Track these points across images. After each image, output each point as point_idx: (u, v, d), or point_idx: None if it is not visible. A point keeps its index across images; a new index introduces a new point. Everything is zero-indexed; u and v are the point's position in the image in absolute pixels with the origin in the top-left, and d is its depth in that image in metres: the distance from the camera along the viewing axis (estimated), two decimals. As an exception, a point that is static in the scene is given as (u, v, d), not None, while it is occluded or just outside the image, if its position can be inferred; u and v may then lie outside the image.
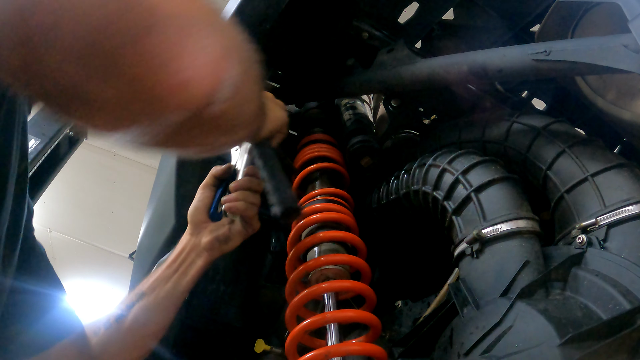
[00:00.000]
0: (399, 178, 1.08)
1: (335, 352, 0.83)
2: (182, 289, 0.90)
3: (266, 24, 1.05)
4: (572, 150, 0.82)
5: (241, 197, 0.91)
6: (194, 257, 0.91)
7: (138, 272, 1.31)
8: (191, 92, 0.40)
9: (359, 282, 0.94)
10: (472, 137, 1.01)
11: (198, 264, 0.91)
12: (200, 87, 0.40)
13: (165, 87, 0.38)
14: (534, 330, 0.59)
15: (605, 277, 0.65)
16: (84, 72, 0.36)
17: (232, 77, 0.44)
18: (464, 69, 0.91)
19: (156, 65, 0.38)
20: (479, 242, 0.79)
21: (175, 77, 0.38)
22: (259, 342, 1.08)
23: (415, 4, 1.15)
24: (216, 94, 0.42)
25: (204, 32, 0.41)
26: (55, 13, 0.34)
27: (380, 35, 1.18)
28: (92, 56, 0.36)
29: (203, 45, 0.40)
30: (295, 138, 1.36)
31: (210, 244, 0.91)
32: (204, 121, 0.44)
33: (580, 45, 0.75)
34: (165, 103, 0.39)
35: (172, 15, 0.38)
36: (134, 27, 0.36)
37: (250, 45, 0.52)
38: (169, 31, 0.38)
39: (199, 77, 0.40)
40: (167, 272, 0.91)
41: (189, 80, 0.39)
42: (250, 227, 0.94)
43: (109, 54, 0.36)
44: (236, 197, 0.91)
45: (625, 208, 0.71)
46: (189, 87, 0.39)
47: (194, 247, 0.92)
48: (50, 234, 5.51)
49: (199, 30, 0.40)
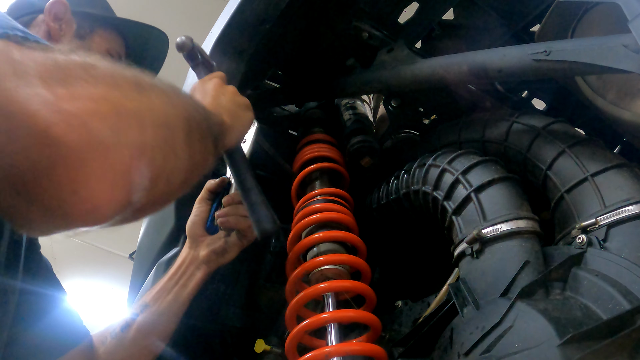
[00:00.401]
0: (399, 178, 1.08)
1: (335, 352, 0.83)
2: (183, 300, 0.95)
3: (266, 24, 1.05)
4: (572, 150, 0.82)
5: (232, 212, 0.95)
6: (193, 269, 0.96)
7: (138, 272, 1.31)
8: (100, 213, 0.42)
9: (359, 282, 0.94)
10: (472, 137, 1.01)
11: (197, 276, 0.96)
12: (108, 207, 0.42)
13: (76, 215, 0.41)
14: (534, 330, 0.59)
15: (605, 277, 0.65)
16: (13, 198, 0.39)
17: (145, 178, 0.45)
18: (464, 69, 0.91)
19: (64, 197, 0.40)
20: (479, 242, 0.79)
21: (81, 205, 0.41)
22: (259, 342, 1.08)
23: (415, 4, 1.15)
24: (128, 202, 0.44)
25: (104, 152, 0.42)
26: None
27: (380, 35, 1.18)
28: (14, 186, 0.39)
29: (105, 168, 0.42)
30: (295, 138, 1.36)
31: (207, 257, 0.96)
32: (130, 213, 0.46)
33: (580, 45, 0.75)
34: (82, 224, 0.43)
35: (73, 146, 0.40)
36: (41, 162, 0.39)
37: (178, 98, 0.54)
38: (71, 164, 0.40)
39: (104, 201, 0.42)
40: (169, 284, 0.96)
41: (95, 205, 0.41)
42: (246, 238, 0.98)
43: (25, 185, 0.39)
44: (227, 212, 0.95)
45: (625, 208, 0.71)
46: (97, 211, 0.42)
47: (193, 260, 0.97)
48: (50, 234, 5.50)
49: (100, 153, 0.41)
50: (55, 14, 0.99)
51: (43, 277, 0.89)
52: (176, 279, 0.96)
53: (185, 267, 0.97)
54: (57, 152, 0.39)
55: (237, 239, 0.98)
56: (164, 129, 0.49)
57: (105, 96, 0.43)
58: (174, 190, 0.53)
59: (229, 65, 1.10)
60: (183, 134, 0.52)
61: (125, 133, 0.44)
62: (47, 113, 0.39)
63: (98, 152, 0.41)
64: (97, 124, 0.41)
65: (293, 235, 1.05)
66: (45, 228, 0.43)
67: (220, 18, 1.11)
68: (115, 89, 0.45)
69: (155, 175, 0.47)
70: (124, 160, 0.43)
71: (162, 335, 0.95)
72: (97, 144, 0.41)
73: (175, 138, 0.51)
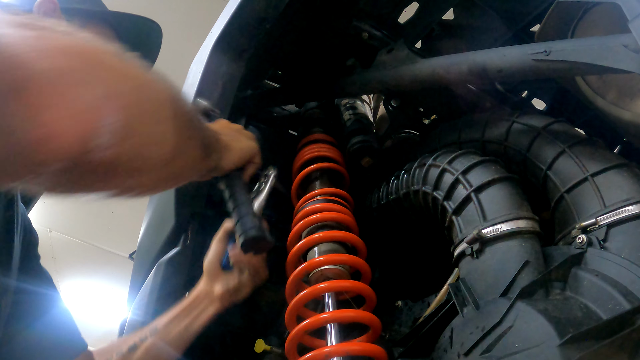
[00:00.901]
0: (399, 178, 1.08)
1: (335, 352, 0.83)
2: (193, 331, 0.99)
3: (266, 24, 1.05)
4: (572, 150, 0.82)
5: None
6: (206, 304, 1.01)
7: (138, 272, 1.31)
8: (56, 144, 0.41)
9: (359, 282, 0.94)
10: (472, 137, 1.01)
11: (209, 311, 1.00)
12: (65, 138, 0.41)
13: (33, 142, 0.40)
14: (534, 330, 0.59)
15: (605, 277, 0.65)
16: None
17: (113, 123, 0.45)
18: (464, 69, 0.91)
19: (26, 120, 0.40)
20: (479, 242, 0.79)
21: (38, 131, 0.40)
22: (259, 342, 1.08)
23: (415, 4, 1.15)
24: (89, 142, 0.43)
25: (74, 83, 0.42)
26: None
27: (380, 35, 1.18)
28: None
29: (70, 97, 0.42)
30: (295, 138, 1.36)
31: (222, 295, 1.01)
32: (93, 167, 0.45)
33: (580, 45, 0.75)
34: (37, 157, 0.41)
35: (43, 70, 0.40)
36: (10, 85, 0.38)
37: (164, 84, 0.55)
38: (38, 87, 0.40)
39: (62, 130, 0.41)
40: (181, 315, 1.00)
41: (52, 133, 0.41)
42: (258, 277, 1.03)
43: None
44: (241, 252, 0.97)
45: (625, 208, 0.71)
46: (53, 140, 0.41)
47: (207, 295, 1.01)
48: (50, 234, 5.51)
49: (68, 82, 0.42)
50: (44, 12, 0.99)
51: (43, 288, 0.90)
52: (189, 310, 1.00)
53: (200, 301, 1.01)
54: (25, 75, 0.39)
55: (250, 278, 1.02)
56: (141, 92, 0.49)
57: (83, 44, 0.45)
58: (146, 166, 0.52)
59: (229, 65, 1.10)
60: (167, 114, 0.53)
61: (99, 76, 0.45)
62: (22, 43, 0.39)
63: (66, 81, 0.42)
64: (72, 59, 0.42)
65: (293, 235, 1.05)
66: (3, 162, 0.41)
67: (220, 18, 1.11)
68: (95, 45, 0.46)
69: (125, 125, 0.46)
70: (91, 96, 0.43)
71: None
72: (67, 74, 0.42)
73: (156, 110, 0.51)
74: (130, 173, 0.51)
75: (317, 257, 0.96)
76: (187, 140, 0.61)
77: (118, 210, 5.28)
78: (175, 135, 0.55)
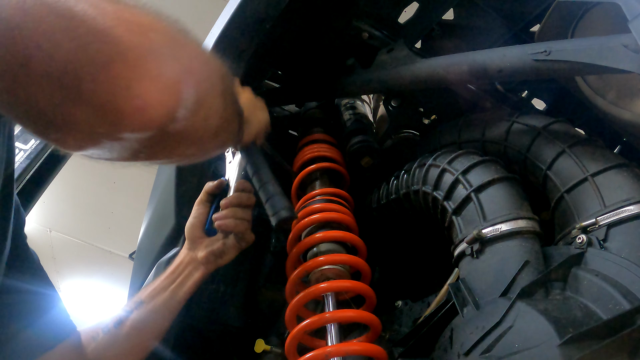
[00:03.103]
0: (399, 178, 1.08)
1: (335, 352, 0.83)
2: (179, 298, 0.95)
3: (266, 24, 1.05)
4: (572, 150, 0.82)
5: (230, 215, 0.95)
6: (191, 269, 0.97)
7: (138, 272, 1.31)
8: (149, 115, 0.45)
9: (359, 282, 0.94)
10: (472, 137, 1.01)
11: (195, 276, 0.96)
12: (157, 109, 0.45)
13: (126, 111, 0.44)
14: (534, 330, 0.59)
15: (605, 277, 0.65)
16: (58, 96, 0.41)
17: (191, 97, 0.49)
18: (464, 69, 0.91)
19: (118, 92, 0.43)
20: (479, 242, 0.79)
21: (133, 102, 0.44)
22: (259, 342, 1.08)
23: (415, 4, 1.15)
24: (174, 114, 0.47)
25: (161, 59, 0.46)
26: (33, 45, 0.40)
27: (380, 35, 1.18)
28: (64, 83, 0.41)
29: (159, 72, 0.45)
30: (295, 138, 1.36)
31: (206, 258, 0.97)
32: (169, 137, 0.49)
33: (580, 45, 0.75)
34: (127, 125, 0.45)
35: (133, 46, 0.44)
36: (99, 57, 0.42)
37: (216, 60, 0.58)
38: (129, 61, 0.43)
39: (155, 101, 0.45)
40: (165, 282, 0.96)
41: (146, 104, 0.44)
42: (244, 240, 0.99)
43: (78, 81, 0.41)
44: (225, 215, 0.96)
45: (625, 208, 0.71)
46: (147, 111, 0.45)
47: (191, 260, 0.98)
48: (50, 234, 5.51)
49: (157, 58, 0.46)
50: None
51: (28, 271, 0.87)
52: (173, 278, 0.97)
53: (184, 267, 0.97)
54: (116, 49, 0.42)
55: (235, 241, 0.98)
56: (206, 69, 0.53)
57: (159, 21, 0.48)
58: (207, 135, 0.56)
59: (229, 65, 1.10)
60: (222, 89, 0.57)
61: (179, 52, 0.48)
62: (108, 18, 0.42)
63: (155, 57, 0.45)
64: (155, 36, 0.46)
65: (293, 235, 1.05)
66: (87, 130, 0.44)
67: (220, 18, 1.11)
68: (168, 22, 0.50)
69: (198, 99, 0.50)
70: (175, 71, 0.47)
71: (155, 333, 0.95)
72: (155, 51, 0.45)
73: (214, 86, 0.55)
74: (194, 142, 0.55)
75: (317, 257, 0.96)
76: (233, 113, 0.64)
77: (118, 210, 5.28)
78: (226, 109, 0.59)
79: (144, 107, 0.44)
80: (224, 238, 0.99)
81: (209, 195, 1.03)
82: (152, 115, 0.45)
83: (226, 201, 0.98)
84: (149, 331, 0.94)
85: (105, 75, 0.42)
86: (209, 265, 0.97)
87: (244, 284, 1.23)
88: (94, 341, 0.92)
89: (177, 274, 0.97)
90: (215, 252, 0.97)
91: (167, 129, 0.47)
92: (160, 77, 0.45)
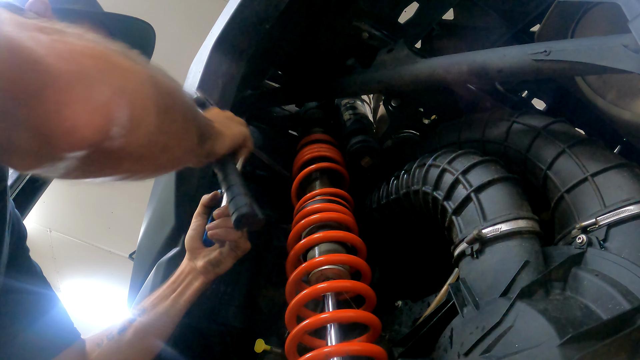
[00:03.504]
0: (399, 178, 1.08)
1: (335, 352, 0.83)
2: (180, 307, 0.99)
3: (266, 24, 1.05)
4: (572, 150, 0.82)
5: (222, 224, 0.99)
6: (190, 279, 1.01)
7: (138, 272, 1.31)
8: (80, 135, 0.48)
9: (359, 282, 0.94)
10: (472, 137, 1.01)
11: (195, 285, 1.00)
12: (87, 129, 0.48)
13: (58, 133, 0.47)
14: (534, 330, 0.59)
15: (605, 277, 0.65)
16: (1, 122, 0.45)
17: (123, 116, 0.51)
18: (464, 69, 0.91)
19: (50, 115, 0.46)
20: (479, 242, 0.79)
21: (64, 124, 0.47)
22: (259, 342, 1.08)
23: (415, 4, 1.15)
24: (106, 133, 0.50)
25: (90, 83, 0.49)
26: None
27: (380, 35, 1.18)
28: (4, 109, 0.44)
29: (88, 94, 0.48)
30: (295, 138, 1.36)
31: (204, 267, 1.01)
32: (109, 154, 0.52)
33: (580, 45, 0.75)
34: (61, 146, 0.48)
35: (62, 72, 0.47)
36: (33, 85, 0.45)
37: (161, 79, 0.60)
38: (59, 87, 0.46)
39: (84, 122, 0.48)
40: (167, 291, 1.01)
41: (76, 125, 0.47)
42: (239, 249, 1.02)
43: (16, 107, 0.45)
44: (217, 225, 0.99)
45: (625, 208, 0.71)
46: (77, 131, 0.48)
47: (191, 270, 1.02)
48: (50, 234, 5.51)
49: (85, 82, 0.48)
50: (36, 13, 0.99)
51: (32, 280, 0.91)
52: (174, 287, 1.01)
53: (184, 276, 1.01)
54: (47, 76, 0.46)
55: (231, 250, 1.01)
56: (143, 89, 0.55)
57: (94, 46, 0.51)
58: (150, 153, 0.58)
59: (229, 65, 1.10)
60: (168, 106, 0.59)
61: (110, 74, 0.51)
62: (40, 47, 0.46)
63: (83, 81, 0.48)
64: (86, 61, 0.49)
65: (293, 235, 1.05)
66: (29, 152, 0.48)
67: (220, 18, 1.11)
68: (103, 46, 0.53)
69: (132, 118, 0.52)
70: (105, 93, 0.50)
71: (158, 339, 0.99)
72: (84, 75, 0.48)
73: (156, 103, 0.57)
74: (137, 159, 0.57)
75: (317, 257, 0.96)
76: (185, 129, 0.67)
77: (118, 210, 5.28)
78: (174, 125, 0.61)
79: (74, 128, 0.47)
80: (220, 247, 1.02)
81: (205, 207, 1.06)
82: (82, 135, 0.48)
83: (218, 211, 1.01)
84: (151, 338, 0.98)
85: (38, 101, 0.45)
86: (208, 274, 1.01)
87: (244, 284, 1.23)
88: (99, 347, 0.96)
89: (177, 283, 1.01)
90: (212, 261, 1.00)
91: (103, 147, 0.50)
92: (89, 100, 0.48)
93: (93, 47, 0.51)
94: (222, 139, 0.85)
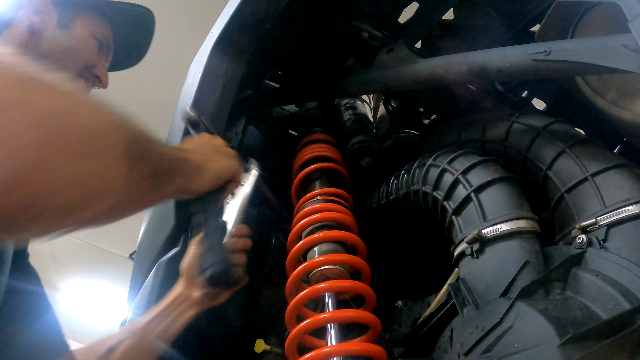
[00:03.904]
0: (399, 178, 1.08)
1: (335, 352, 0.83)
2: (170, 334, 0.98)
3: (266, 24, 1.05)
4: (572, 150, 0.82)
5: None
6: (185, 307, 0.99)
7: (138, 272, 1.31)
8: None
9: (359, 282, 0.94)
10: (472, 137, 1.01)
11: (188, 314, 0.98)
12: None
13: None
14: (534, 330, 0.59)
15: (605, 277, 0.65)
16: None
17: (6, 171, 0.41)
18: (464, 69, 0.91)
19: None
20: (479, 242, 0.79)
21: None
22: (259, 342, 1.08)
23: (415, 4, 1.15)
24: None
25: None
26: None
27: (380, 35, 1.18)
28: None
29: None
30: (295, 138, 1.36)
31: (201, 299, 0.99)
32: (22, 209, 0.43)
33: (580, 45, 0.75)
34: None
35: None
36: None
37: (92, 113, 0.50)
38: None
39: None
40: (160, 317, 0.98)
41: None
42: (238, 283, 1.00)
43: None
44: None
45: (625, 208, 0.71)
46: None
47: (186, 298, 0.99)
48: (50, 234, 5.50)
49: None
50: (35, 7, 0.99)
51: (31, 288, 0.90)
52: (167, 314, 0.99)
53: (178, 304, 0.99)
54: None
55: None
56: (38, 134, 0.43)
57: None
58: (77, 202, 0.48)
59: (229, 65, 1.10)
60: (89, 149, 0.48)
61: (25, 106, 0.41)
62: None
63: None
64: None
65: (293, 235, 1.05)
66: None
67: (220, 18, 1.11)
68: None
69: (13, 176, 0.41)
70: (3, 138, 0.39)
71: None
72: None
73: (66, 150, 0.45)
74: (36, 218, 0.46)
75: (317, 257, 0.96)
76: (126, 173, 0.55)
77: (118, 210, 5.26)
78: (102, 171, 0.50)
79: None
80: None
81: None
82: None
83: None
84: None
85: None
86: (203, 305, 1.00)
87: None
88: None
89: (171, 309, 0.99)
90: (209, 294, 0.99)
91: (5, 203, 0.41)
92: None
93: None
94: (203, 174, 0.77)
